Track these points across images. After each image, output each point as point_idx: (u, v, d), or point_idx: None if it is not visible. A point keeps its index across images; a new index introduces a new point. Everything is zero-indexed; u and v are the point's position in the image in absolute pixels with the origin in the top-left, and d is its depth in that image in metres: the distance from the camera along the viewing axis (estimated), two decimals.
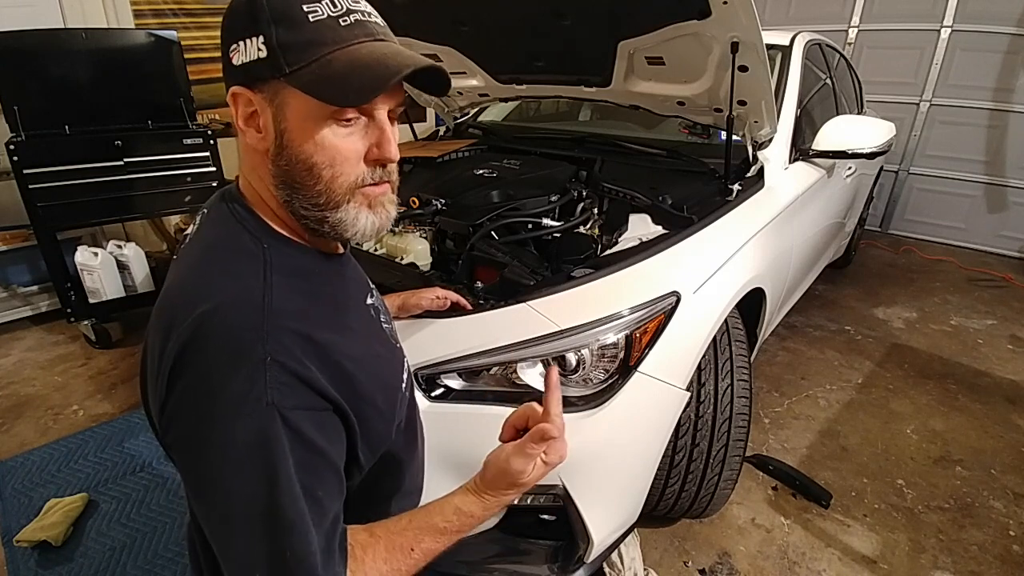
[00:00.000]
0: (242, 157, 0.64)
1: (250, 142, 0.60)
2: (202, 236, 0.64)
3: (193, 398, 0.53)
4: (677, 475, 1.43)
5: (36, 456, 1.94)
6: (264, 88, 0.58)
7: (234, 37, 0.58)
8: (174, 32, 2.71)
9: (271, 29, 0.55)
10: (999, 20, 3.72)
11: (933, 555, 1.59)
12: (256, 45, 0.56)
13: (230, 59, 0.59)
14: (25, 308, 2.88)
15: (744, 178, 1.70)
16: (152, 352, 0.58)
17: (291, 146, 0.58)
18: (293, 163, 0.59)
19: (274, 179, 0.61)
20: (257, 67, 0.56)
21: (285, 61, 0.55)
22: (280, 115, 0.58)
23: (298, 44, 0.55)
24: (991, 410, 2.25)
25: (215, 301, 0.55)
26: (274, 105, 0.58)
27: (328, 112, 0.57)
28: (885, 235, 4.50)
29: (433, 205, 1.61)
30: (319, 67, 0.55)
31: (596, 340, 1.14)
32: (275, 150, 0.59)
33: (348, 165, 0.60)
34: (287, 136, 0.58)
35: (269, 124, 0.59)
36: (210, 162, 2.76)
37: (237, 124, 0.60)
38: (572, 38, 1.69)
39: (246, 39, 0.56)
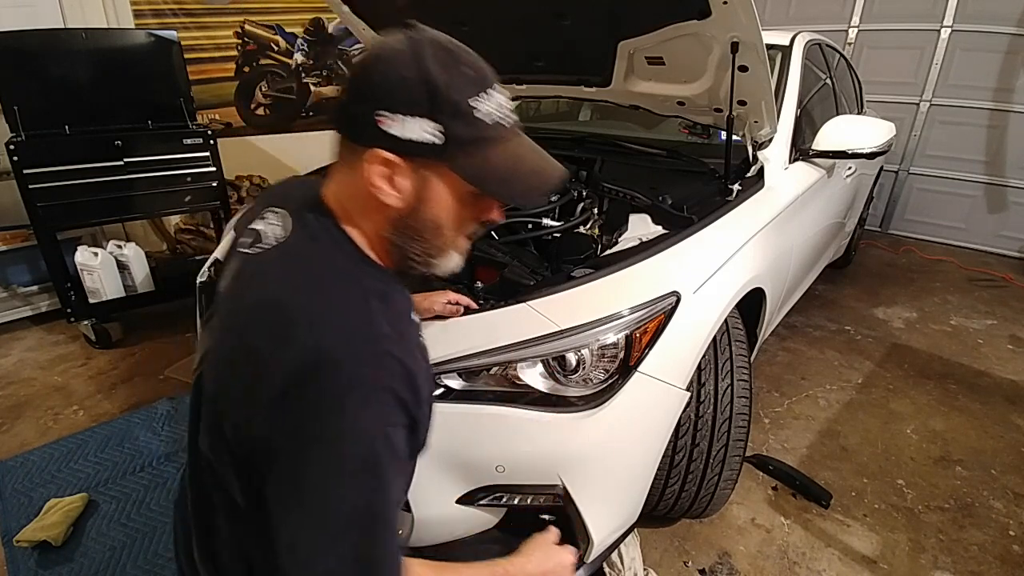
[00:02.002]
0: (351, 197, 0.67)
1: (381, 197, 0.63)
2: (305, 253, 0.66)
3: (313, 416, 0.56)
4: (677, 475, 1.43)
5: (36, 456, 1.94)
6: (418, 161, 0.62)
7: (392, 107, 0.60)
8: (174, 32, 2.72)
9: (444, 119, 0.60)
10: (999, 20, 3.72)
11: (933, 555, 1.59)
12: (428, 128, 0.60)
13: (377, 122, 0.60)
14: (25, 308, 2.88)
15: (744, 178, 1.70)
16: (248, 353, 0.60)
17: (427, 210, 0.65)
18: (424, 222, 0.66)
19: (394, 227, 0.66)
20: (424, 147, 0.61)
21: (453, 150, 0.61)
22: (426, 186, 0.64)
23: (467, 138, 0.61)
24: (991, 410, 2.25)
25: (333, 328, 0.59)
26: (422, 177, 0.63)
27: (470, 192, 0.65)
28: (885, 235, 4.51)
29: None
30: (481, 161, 0.63)
31: (596, 340, 1.14)
32: (409, 210, 0.65)
33: (463, 226, 0.69)
34: (426, 203, 0.65)
35: (409, 189, 0.64)
36: (210, 162, 2.76)
37: (372, 180, 0.63)
38: (572, 38, 1.70)
39: (415, 116, 0.60)
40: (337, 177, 0.69)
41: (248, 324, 0.63)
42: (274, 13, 3.94)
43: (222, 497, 0.67)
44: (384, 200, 0.64)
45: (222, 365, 0.65)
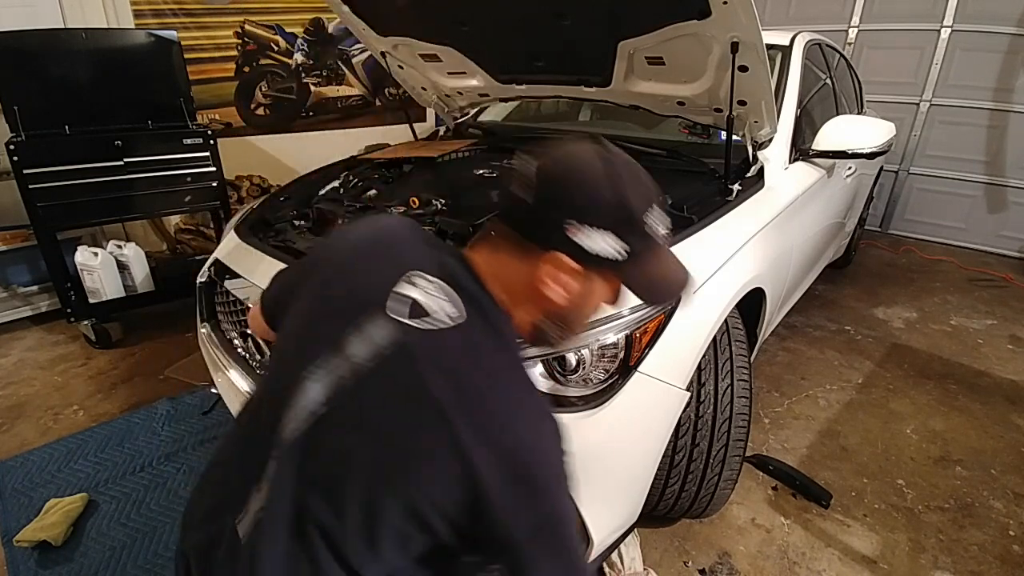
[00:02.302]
0: (514, 285, 0.73)
1: (547, 293, 0.70)
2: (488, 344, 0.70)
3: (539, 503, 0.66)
4: (677, 475, 1.43)
5: (36, 456, 1.95)
6: (592, 268, 0.69)
7: (588, 220, 0.66)
8: (174, 32, 2.71)
9: (630, 238, 0.68)
10: (999, 20, 3.73)
11: (933, 555, 1.60)
12: (612, 243, 0.67)
13: (566, 230, 0.67)
14: (25, 308, 2.88)
15: (744, 178, 1.70)
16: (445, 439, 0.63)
17: (585, 307, 0.74)
18: (578, 314, 0.75)
19: (548, 317, 0.74)
20: (598, 256, 0.68)
21: (627, 263, 0.69)
22: (591, 288, 0.72)
23: (639, 251, 0.69)
24: (991, 410, 2.25)
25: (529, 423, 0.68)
26: (589, 280, 0.71)
27: (619, 290, 0.75)
28: (885, 235, 4.51)
29: (433, 205, 1.61)
30: (643, 270, 0.71)
31: (596, 340, 1.14)
32: (570, 307, 0.72)
33: (600, 311, 0.79)
34: (588, 302, 0.73)
35: (577, 291, 0.71)
36: (210, 162, 2.76)
37: (543, 279, 0.69)
38: (572, 38, 1.70)
39: (603, 231, 0.67)
40: (497, 260, 0.73)
41: (444, 412, 0.63)
42: (274, 13, 3.94)
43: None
44: (550, 296, 0.70)
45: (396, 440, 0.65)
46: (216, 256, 1.76)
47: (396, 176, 2.05)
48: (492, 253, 0.74)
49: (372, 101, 4.59)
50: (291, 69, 4.12)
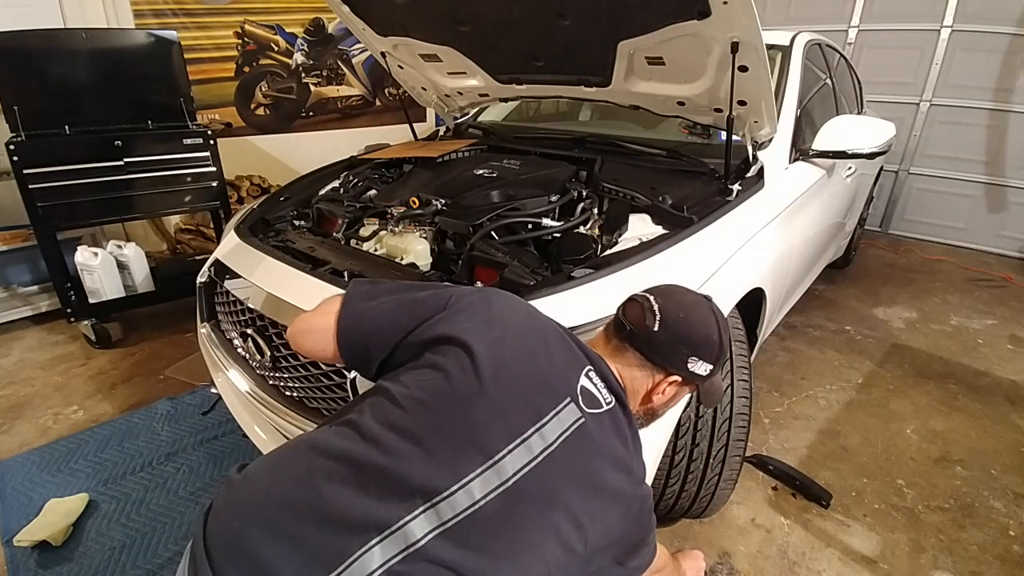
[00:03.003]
0: (636, 386, 0.95)
1: (654, 397, 0.95)
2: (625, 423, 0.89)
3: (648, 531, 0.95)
4: (677, 475, 1.43)
5: (36, 456, 1.94)
6: (682, 382, 0.95)
7: (702, 356, 0.92)
8: (174, 32, 2.71)
9: (715, 366, 0.95)
10: (999, 20, 3.73)
11: (933, 555, 1.60)
12: (704, 368, 0.93)
13: (687, 363, 0.92)
14: (25, 308, 2.88)
15: (744, 178, 1.70)
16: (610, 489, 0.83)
17: (670, 405, 1.01)
18: (664, 410, 1.01)
19: (645, 413, 0.99)
20: (697, 377, 0.94)
21: (707, 382, 0.97)
22: (679, 394, 0.99)
23: (712, 374, 0.96)
24: (991, 410, 2.25)
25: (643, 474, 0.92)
26: (677, 386, 0.96)
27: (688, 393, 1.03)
28: (885, 235, 4.51)
29: (433, 205, 1.61)
30: (712, 384, 1.01)
31: None
32: (662, 404, 0.97)
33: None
34: (673, 402, 1.00)
35: (669, 395, 0.96)
36: (210, 162, 2.76)
37: (659, 390, 0.95)
38: (572, 38, 1.69)
39: (703, 361, 0.93)
40: (627, 369, 0.94)
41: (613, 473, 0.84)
42: (274, 13, 3.94)
43: None
44: (654, 400, 0.96)
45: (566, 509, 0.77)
46: (216, 256, 1.76)
47: (396, 176, 2.05)
48: (624, 364, 0.94)
49: (372, 101, 4.60)
50: (291, 69, 4.12)
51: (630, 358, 0.93)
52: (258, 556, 0.65)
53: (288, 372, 1.41)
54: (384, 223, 1.67)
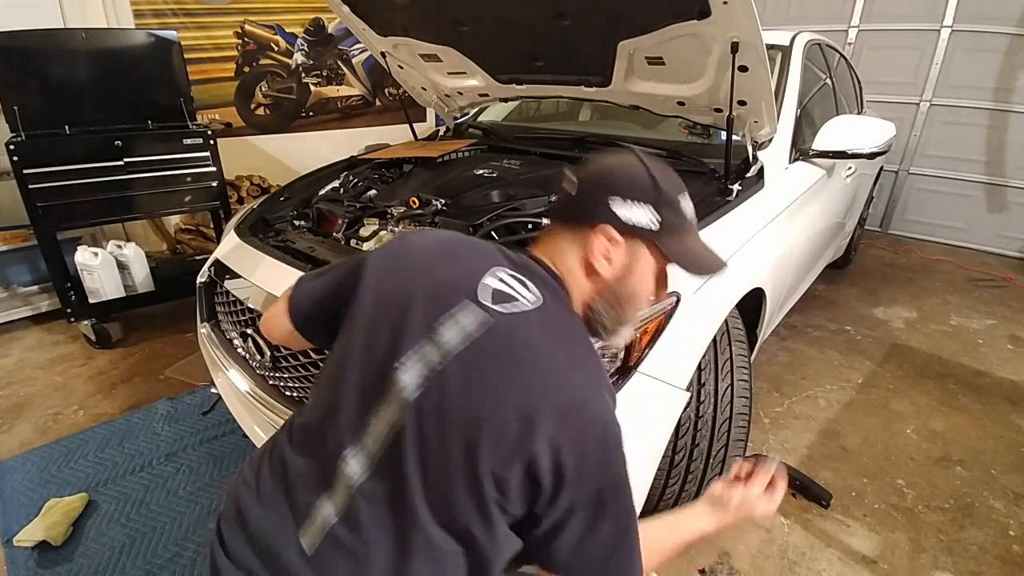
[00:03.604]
0: (573, 267, 0.82)
1: (597, 265, 0.80)
2: (561, 322, 0.78)
3: (617, 462, 0.72)
4: (677, 475, 1.43)
5: (36, 456, 1.94)
6: (632, 239, 0.80)
7: (624, 194, 0.79)
8: (174, 32, 2.71)
9: (664, 210, 0.80)
10: (999, 20, 3.73)
11: (933, 555, 1.60)
12: (649, 214, 0.79)
13: (608, 203, 0.79)
14: (25, 308, 2.88)
15: (744, 178, 1.70)
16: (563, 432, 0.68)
17: (629, 280, 0.82)
18: (623, 290, 0.82)
19: (598, 295, 0.82)
20: (639, 227, 0.79)
21: (663, 234, 0.80)
22: (634, 259, 0.81)
23: (673, 225, 0.81)
24: (991, 410, 2.25)
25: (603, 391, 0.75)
26: (632, 251, 0.81)
27: (660, 269, 0.85)
28: (885, 235, 4.51)
29: (433, 205, 1.61)
30: (678, 244, 0.82)
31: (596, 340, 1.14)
32: (614, 279, 0.81)
33: (647, 300, 0.86)
34: (631, 275, 0.82)
35: (621, 262, 0.81)
36: (210, 162, 2.76)
37: (593, 250, 0.79)
38: (572, 38, 1.70)
39: (639, 203, 0.79)
40: (556, 249, 0.83)
41: (527, 378, 0.70)
42: (274, 13, 3.94)
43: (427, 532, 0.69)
44: (599, 270, 0.80)
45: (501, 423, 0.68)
46: (216, 256, 1.76)
47: (396, 176, 2.05)
48: (551, 245, 0.84)
49: (372, 101, 4.60)
50: (291, 69, 4.12)
51: (557, 235, 0.83)
52: (248, 523, 0.77)
53: (288, 372, 1.41)
54: (384, 223, 1.67)
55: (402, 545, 0.69)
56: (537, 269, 0.80)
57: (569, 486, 0.68)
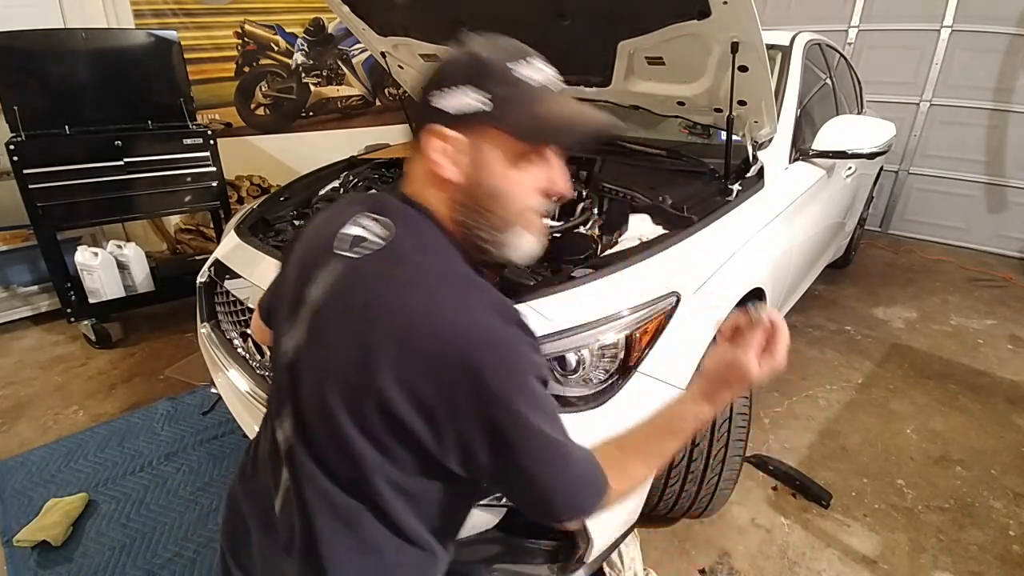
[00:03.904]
0: (420, 180, 0.74)
1: (441, 172, 0.70)
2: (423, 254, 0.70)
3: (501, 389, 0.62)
4: (677, 475, 1.43)
5: (36, 456, 1.95)
6: (470, 131, 0.68)
7: (445, 85, 0.68)
8: (174, 32, 2.72)
9: (491, 85, 0.67)
10: (999, 20, 3.73)
11: (933, 555, 1.60)
12: (473, 95, 0.67)
13: (428, 100, 0.70)
14: (25, 308, 2.88)
15: (744, 178, 1.70)
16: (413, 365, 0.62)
17: (484, 178, 0.70)
18: (483, 192, 0.70)
19: (457, 204, 0.72)
20: (474, 115, 0.67)
21: (499, 111, 0.67)
22: (479, 152, 0.69)
23: (510, 97, 0.67)
24: (991, 410, 2.25)
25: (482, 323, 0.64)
26: (474, 144, 0.69)
27: (521, 152, 0.70)
28: (885, 235, 4.51)
29: None
30: (527, 116, 0.68)
31: (596, 340, 1.14)
32: (468, 181, 0.70)
33: (527, 196, 0.72)
34: (484, 171, 0.70)
35: (466, 159, 0.69)
36: (210, 162, 2.76)
37: (428, 155, 0.70)
38: (572, 38, 1.69)
39: (462, 88, 0.67)
40: (409, 171, 0.76)
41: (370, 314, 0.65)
42: (274, 13, 3.94)
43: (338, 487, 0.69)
44: (446, 176, 0.70)
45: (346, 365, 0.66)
46: (216, 256, 1.76)
47: (396, 176, 2.05)
48: (408, 172, 0.77)
49: (372, 101, 4.60)
50: (291, 69, 4.13)
51: (410, 159, 0.76)
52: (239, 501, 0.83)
53: None
54: None
55: (321, 505, 0.70)
56: (393, 202, 0.74)
57: (445, 421, 0.63)
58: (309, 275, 0.73)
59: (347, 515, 0.69)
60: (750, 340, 0.73)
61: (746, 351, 0.72)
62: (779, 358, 0.74)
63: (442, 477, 0.69)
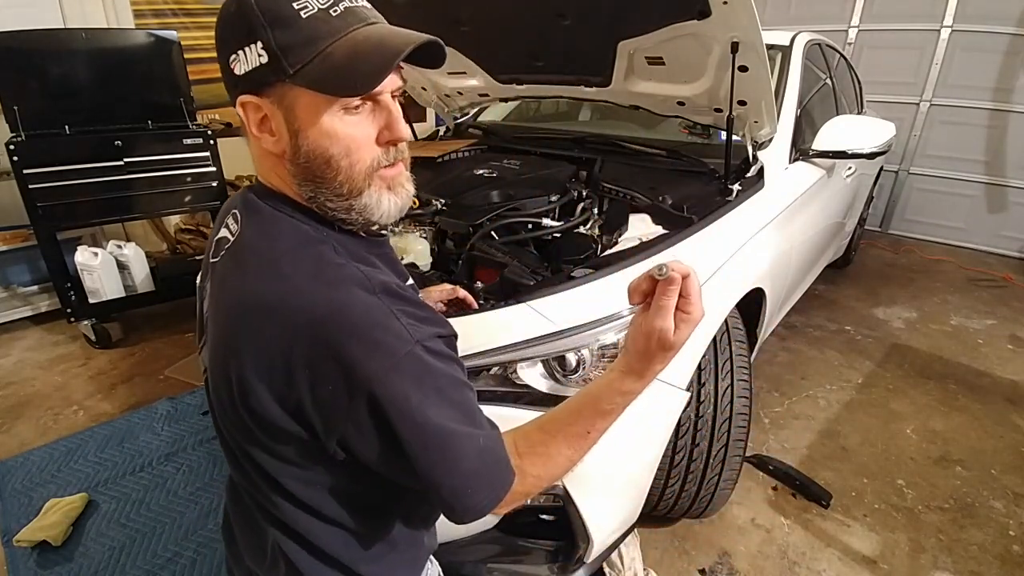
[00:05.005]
0: (258, 161, 0.66)
1: (266, 147, 0.62)
2: (264, 239, 0.63)
3: (366, 374, 0.55)
4: (677, 475, 1.43)
5: (36, 456, 1.94)
6: (271, 92, 0.59)
7: (231, 47, 0.58)
8: (174, 32, 2.71)
9: (267, 33, 0.56)
10: (999, 20, 3.73)
11: (933, 555, 1.59)
12: (256, 52, 0.57)
13: (231, 69, 0.59)
14: (25, 308, 2.88)
15: (744, 178, 1.70)
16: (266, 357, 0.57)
17: (306, 143, 0.60)
18: (312, 159, 0.61)
19: (295, 178, 0.63)
20: (261, 73, 0.57)
21: (288, 63, 0.56)
22: (291, 116, 0.60)
23: (296, 43, 0.56)
24: (991, 410, 2.25)
25: (332, 297, 0.57)
26: (283, 107, 0.59)
27: (337, 104, 0.59)
28: (885, 235, 4.51)
29: (433, 205, 1.61)
30: (320, 61, 0.57)
31: (596, 340, 1.14)
32: (291, 150, 0.61)
33: (363, 151, 0.62)
34: (301, 135, 0.60)
35: (281, 126, 0.60)
36: (210, 162, 2.76)
37: (250, 131, 0.61)
38: (572, 38, 1.70)
39: (245, 47, 0.57)
40: (254, 160, 0.67)
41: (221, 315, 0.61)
42: None
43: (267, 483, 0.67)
44: (269, 149, 0.62)
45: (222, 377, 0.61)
46: None
47: None
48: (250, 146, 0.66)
49: None
50: None
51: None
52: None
53: None
54: None
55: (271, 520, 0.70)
56: (247, 194, 0.68)
57: (312, 407, 0.57)
58: (203, 290, 0.71)
59: (294, 526, 0.67)
60: (662, 303, 0.64)
61: (662, 316, 0.64)
62: (695, 313, 0.67)
63: (353, 469, 0.63)
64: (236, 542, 0.80)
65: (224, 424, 0.66)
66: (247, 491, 0.72)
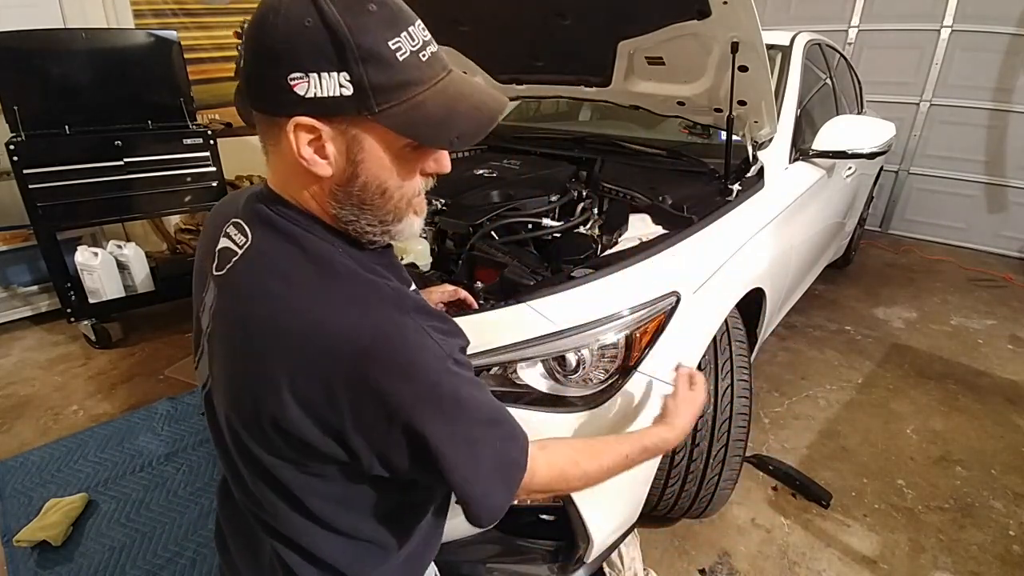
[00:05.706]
0: (288, 177, 0.63)
1: (313, 169, 0.59)
2: (287, 255, 0.62)
3: (407, 400, 0.58)
4: (677, 475, 1.43)
5: (36, 456, 1.95)
6: (338, 121, 0.57)
7: (301, 67, 0.54)
8: (174, 32, 2.71)
9: (359, 68, 0.54)
10: (999, 20, 3.72)
11: (933, 555, 1.59)
12: (337, 81, 0.54)
13: (290, 87, 0.54)
14: (25, 308, 2.88)
15: (744, 178, 1.70)
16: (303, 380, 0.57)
17: (366, 173, 0.60)
18: (367, 188, 0.61)
19: (337, 202, 0.62)
20: (337, 103, 0.55)
21: (375, 101, 0.55)
22: (355, 146, 0.58)
23: (389, 86, 0.55)
24: (991, 410, 2.25)
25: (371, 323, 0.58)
26: (348, 136, 0.58)
27: (406, 142, 0.59)
28: (885, 235, 4.51)
29: (433, 205, 1.61)
30: (411, 108, 0.57)
31: (596, 340, 1.14)
32: (346, 177, 0.60)
33: (414, 182, 0.64)
34: (362, 165, 0.59)
35: (341, 154, 0.59)
36: (210, 162, 2.76)
37: (297, 151, 0.57)
38: (572, 38, 1.69)
39: (323, 72, 0.54)
40: (270, 160, 0.63)
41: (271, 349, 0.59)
42: None
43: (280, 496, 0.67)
44: (317, 172, 0.59)
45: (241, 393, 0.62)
46: None
47: None
48: (267, 152, 0.63)
49: None
50: None
51: (263, 133, 0.62)
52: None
53: None
54: None
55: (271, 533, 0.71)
56: (256, 204, 0.65)
57: (353, 431, 0.58)
58: (201, 301, 0.70)
59: (298, 539, 0.68)
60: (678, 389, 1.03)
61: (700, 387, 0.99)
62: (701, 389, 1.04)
63: (380, 482, 0.65)
64: (229, 550, 0.80)
65: (241, 438, 0.64)
66: (245, 502, 0.72)
